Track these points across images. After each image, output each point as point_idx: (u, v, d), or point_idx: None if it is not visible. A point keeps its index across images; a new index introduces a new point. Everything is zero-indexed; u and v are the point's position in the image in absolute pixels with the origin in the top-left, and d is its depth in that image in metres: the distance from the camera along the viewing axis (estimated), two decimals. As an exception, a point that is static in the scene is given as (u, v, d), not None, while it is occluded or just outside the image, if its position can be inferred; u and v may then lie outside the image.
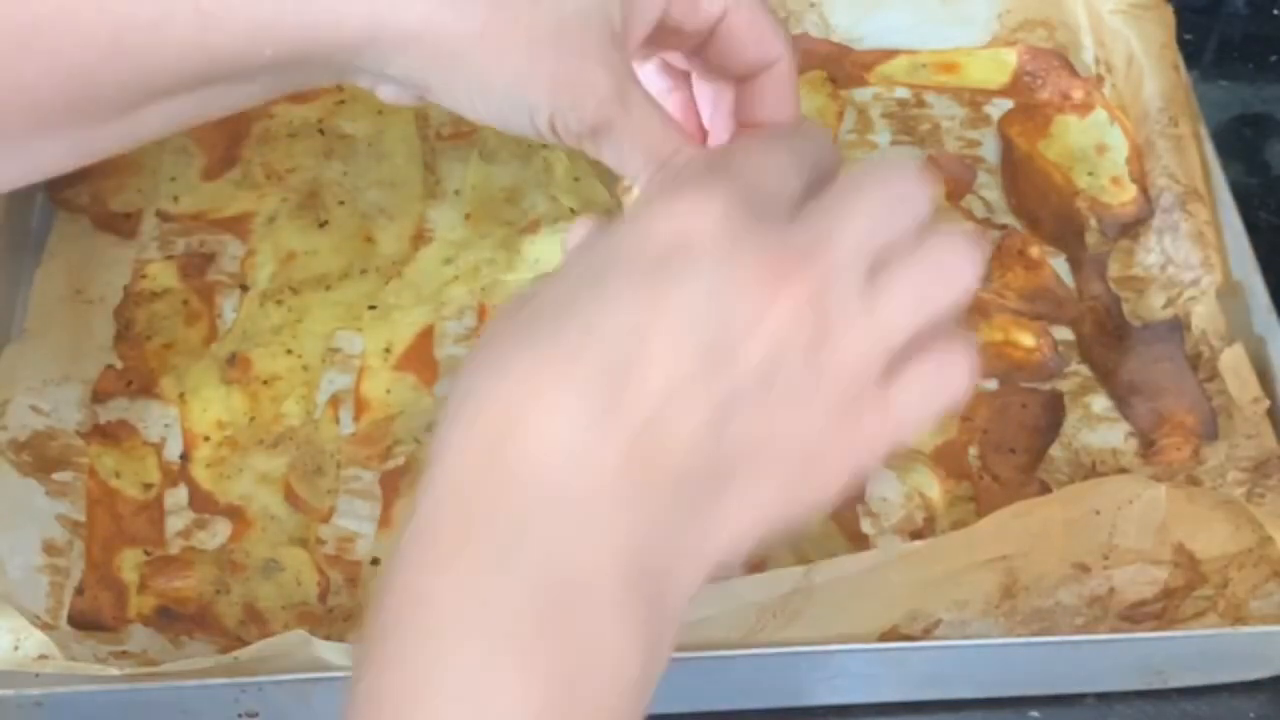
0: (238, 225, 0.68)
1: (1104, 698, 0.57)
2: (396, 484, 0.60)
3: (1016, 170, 0.70)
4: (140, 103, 0.49)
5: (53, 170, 0.52)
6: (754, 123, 0.51)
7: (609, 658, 0.36)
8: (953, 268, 0.40)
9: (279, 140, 0.71)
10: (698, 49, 0.51)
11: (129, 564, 0.58)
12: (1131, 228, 0.67)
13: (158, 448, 0.62)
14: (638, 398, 0.36)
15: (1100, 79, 0.72)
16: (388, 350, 0.64)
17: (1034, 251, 0.67)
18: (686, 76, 0.53)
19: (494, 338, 0.40)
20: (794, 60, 0.51)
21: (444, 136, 0.71)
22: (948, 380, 0.40)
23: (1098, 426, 0.62)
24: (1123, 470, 0.60)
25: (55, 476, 0.59)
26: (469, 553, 0.36)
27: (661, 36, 0.49)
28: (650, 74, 0.52)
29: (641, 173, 0.47)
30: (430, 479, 0.37)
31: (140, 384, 0.63)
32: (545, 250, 0.66)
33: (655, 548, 0.37)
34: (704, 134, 0.53)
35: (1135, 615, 0.55)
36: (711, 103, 0.53)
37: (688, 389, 0.37)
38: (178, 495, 0.60)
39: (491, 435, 0.37)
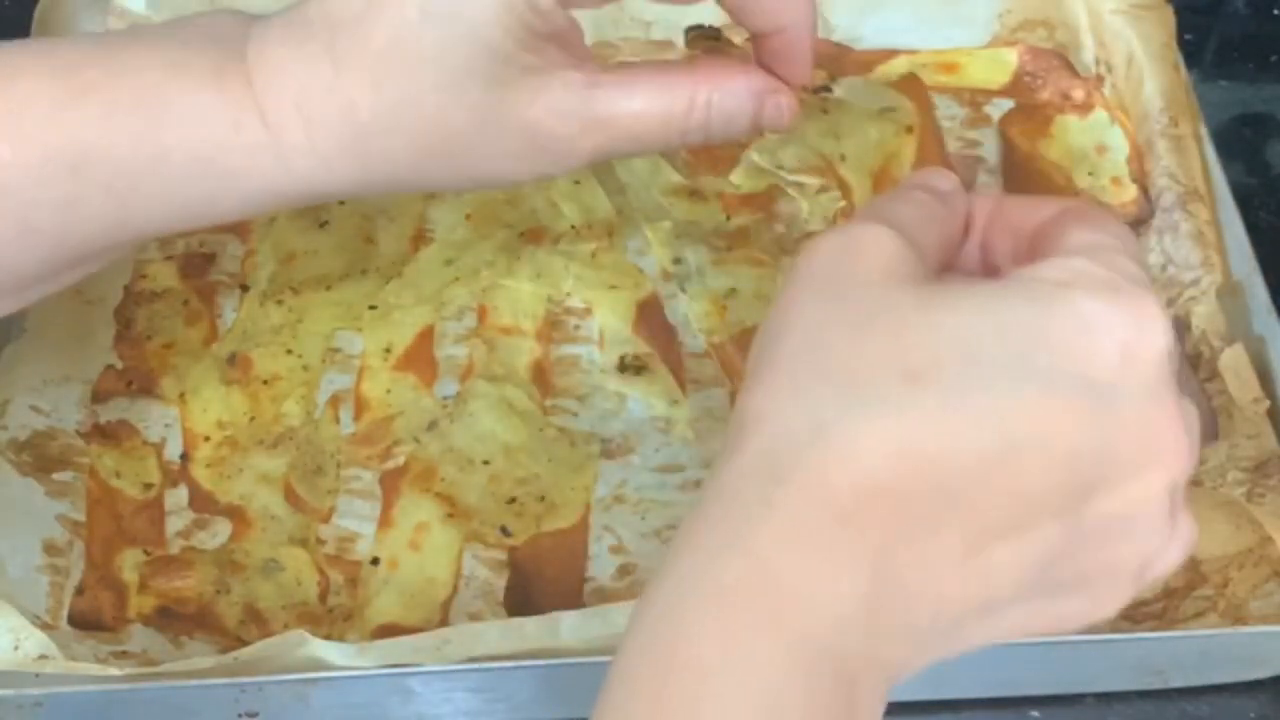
0: (238, 225, 0.68)
1: (1104, 698, 0.57)
2: (396, 484, 0.60)
3: (1017, 171, 0.70)
4: (60, 270, 0.49)
5: None
6: None
7: None
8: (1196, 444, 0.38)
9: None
10: None
11: (129, 564, 0.58)
12: (1132, 228, 0.66)
13: (158, 448, 0.62)
14: (989, 505, 0.34)
15: (1100, 79, 0.72)
16: (388, 350, 0.64)
17: (1034, 252, 0.67)
18: None
19: (857, 347, 0.35)
20: (810, 23, 0.49)
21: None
22: (1186, 539, 0.38)
23: (1098, 426, 0.62)
24: (1123, 470, 0.60)
25: (55, 476, 0.59)
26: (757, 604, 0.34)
27: None
28: None
29: None
30: (766, 471, 0.35)
31: (140, 384, 0.63)
32: (546, 264, 0.66)
33: (911, 657, 0.36)
34: None
35: (1135, 615, 0.55)
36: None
37: (1037, 518, 0.35)
38: (178, 495, 0.61)
39: (837, 489, 0.34)
